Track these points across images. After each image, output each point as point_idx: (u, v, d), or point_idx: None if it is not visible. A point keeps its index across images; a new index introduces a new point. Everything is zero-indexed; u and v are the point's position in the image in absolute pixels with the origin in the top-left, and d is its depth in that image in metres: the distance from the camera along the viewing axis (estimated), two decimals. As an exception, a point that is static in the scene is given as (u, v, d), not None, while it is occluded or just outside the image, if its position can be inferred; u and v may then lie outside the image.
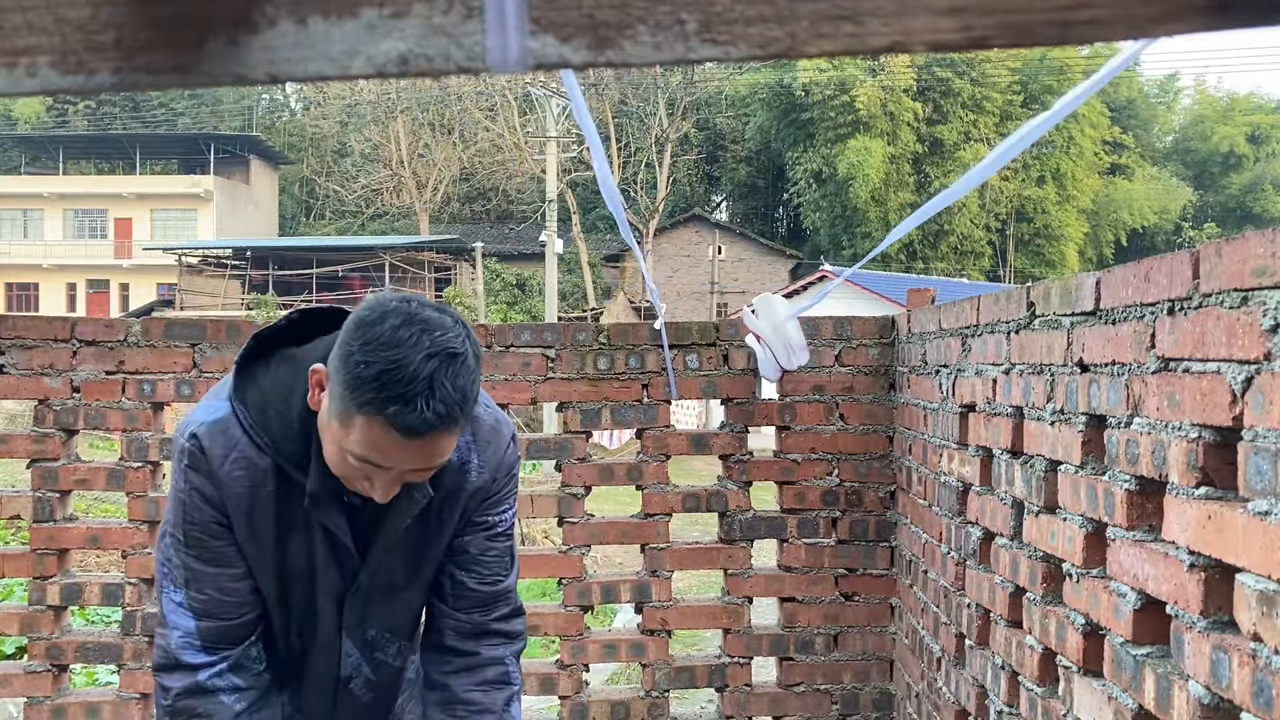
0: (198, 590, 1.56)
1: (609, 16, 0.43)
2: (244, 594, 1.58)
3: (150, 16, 0.44)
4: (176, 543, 1.56)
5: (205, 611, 1.56)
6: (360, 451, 1.37)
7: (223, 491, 1.51)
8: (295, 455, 1.50)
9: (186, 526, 1.54)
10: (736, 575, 3.21)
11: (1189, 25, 0.43)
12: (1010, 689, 2.07)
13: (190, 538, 1.55)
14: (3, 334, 3.06)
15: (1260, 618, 1.15)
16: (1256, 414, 1.17)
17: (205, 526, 1.54)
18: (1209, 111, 46.21)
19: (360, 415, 1.33)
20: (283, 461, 1.50)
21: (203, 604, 1.56)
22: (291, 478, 1.51)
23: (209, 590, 1.56)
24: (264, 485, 1.52)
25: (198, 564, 1.55)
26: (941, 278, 31.10)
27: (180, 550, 1.56)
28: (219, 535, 1.55)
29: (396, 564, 1.63)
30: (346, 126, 41.72)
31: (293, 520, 1.55)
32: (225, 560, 1.56)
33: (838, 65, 33.18)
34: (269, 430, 1.50)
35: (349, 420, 1.35)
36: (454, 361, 1.33)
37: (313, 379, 1.45)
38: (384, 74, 0.44)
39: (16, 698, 3.18)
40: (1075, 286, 1.72)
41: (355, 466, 1.40)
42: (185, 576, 1.56)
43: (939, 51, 0.44)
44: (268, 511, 1.54)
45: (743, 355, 3.20)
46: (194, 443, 1.51)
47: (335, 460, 1.42)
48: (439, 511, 1.61)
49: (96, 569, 7.65)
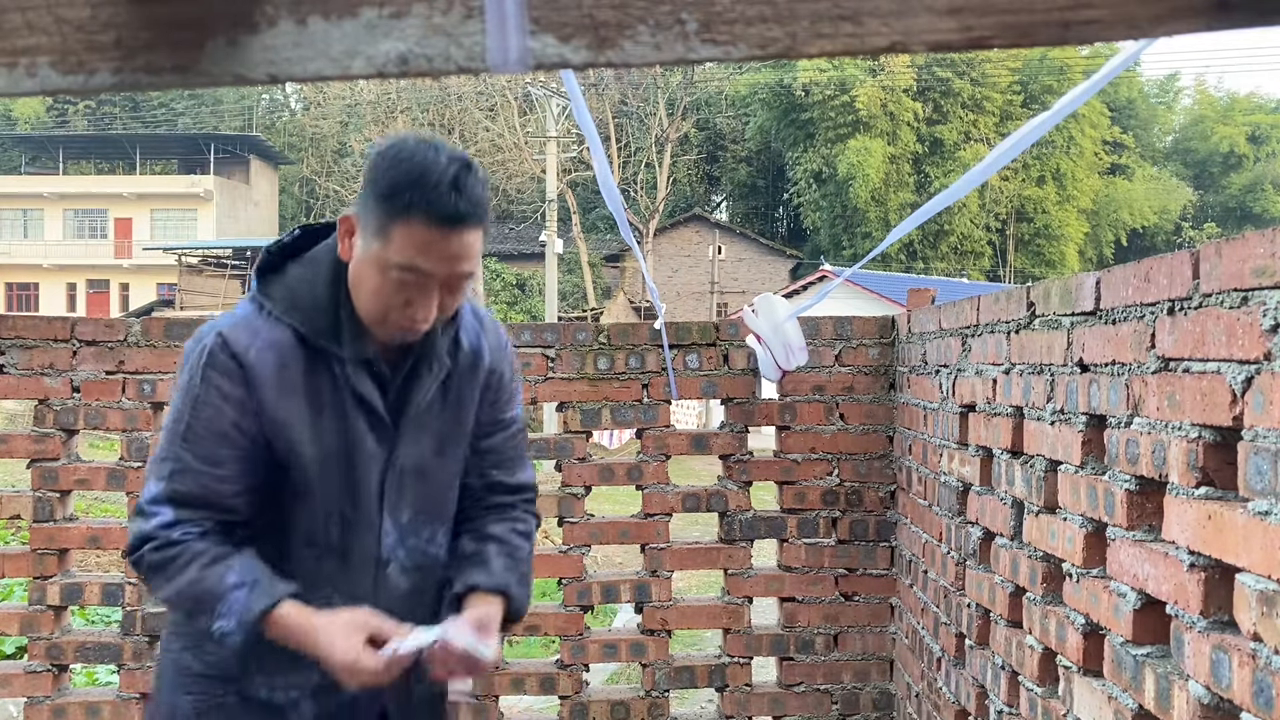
0: (180, 484, 1.56)
1: (609, 16, 0.43)
2: (227, 498, 1.58)
3: (150, 16, 0.44)
4: (173, 437, 1.56)
5: (184, 503, 1.56)
6: (404, 259, 1.47)
7: (251, 380, 1.55)
8: (327, 328, 1.58)
9: (190, 421, 1.55)
10: (736, 575, 3.21)
11: (1189, 25, 0.43)
12: (1010, 689, 2.07)
13: (191, 433, 1.55)
14: (3, 334, 3.05)
15: (1260, 618, 1.15)
16: (1256, 414, 1.17)
17: (211, 423, 1.55)
18: (1209, 111, 46.20)
19: (399, 223, 1.46)
20: (313, 336, 1.57)
21: (183, 497, 1.56)
22: (321, 356, 1.58)
23: (192, 485, 1.56)
24: (294, 365, 1.57)
25: (192, 459, 1.55)
26: (941, 278, 31.09)
27: (175, 444, 1.56)
28: (223, 435, 1.56)
29: (426, 444, 1.68)
30: (346, 126, 41.70)
31: (326, 398, 1.59)
32: (218, 460, 1.56)
33: (838, 65, 33.18)
34: (298, 310, 1.58)
35: (388, 235, 1.47)
36: (471, 169, 1.49)
37: (342, 228, 1.56)
38: (384, 74, 0.44)
39: (16, 698, 3.18)
40: (1075, 286, 1.72)
41: (398, 288, 1.49)
42: (172, 469, 1.56)
43: (939, 51, 0.44)
44: (299, 392, 1.58)
45: (743, 355, 3.20)
46: (218, 339, 1.56)
47: (378, 294, 1.51)
48: (458, 391, 1.70)
49: (96, 569, 7.65)
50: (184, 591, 1.54)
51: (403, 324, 1.54)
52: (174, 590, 1.55)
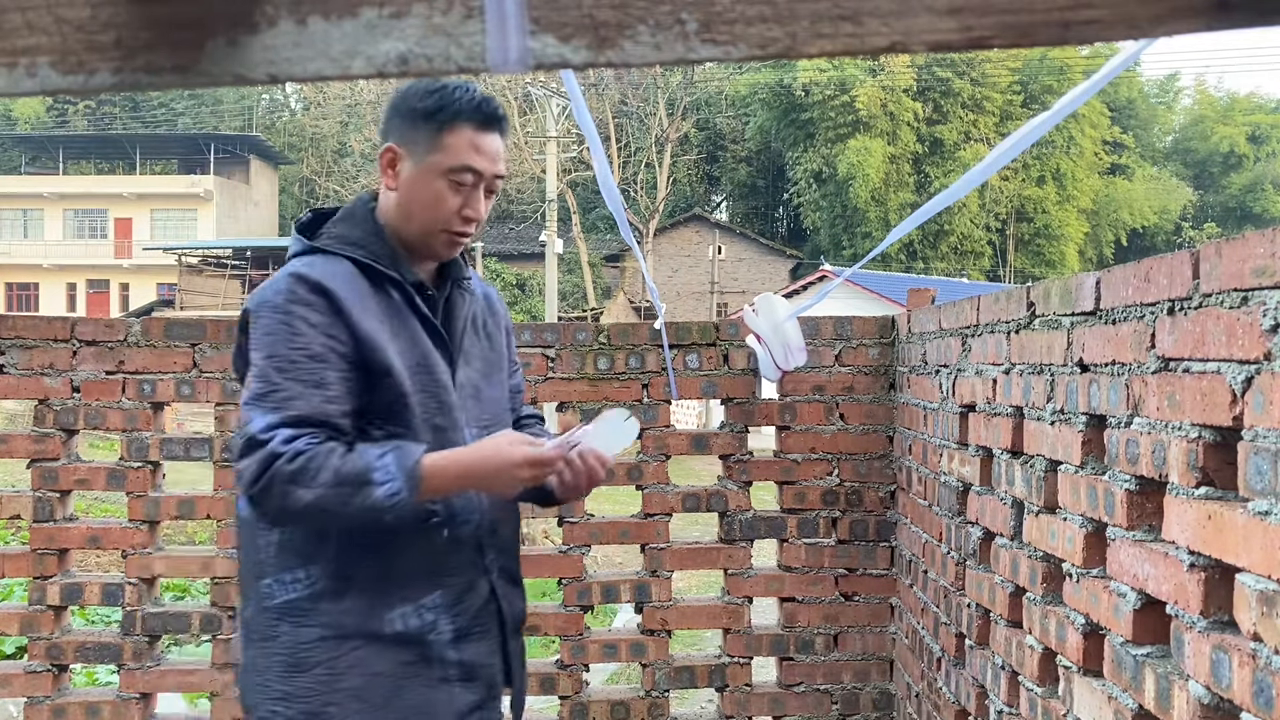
0: (293, 409, 1.59)
1: (609, 16, 0.43)
2: (336, 418, 1.63)
3: (150, 16, 0.44)
4: (274, 372, 1.60)
5: (298, 424, 1.59)
6: (459, 161, 1.69)
7: (335, 304, 1.64)
8: (386, 255, 1.73)
9: (288, 352, 1.61)
10: (736, 575, 3.21)
11: (1189, 25, 0.43)
12: (1010, 689, 2.07)
13: (292, 364, 1.61)
14: (3, 334, 3.06)
15: (1260, 618, 1.15)
16: (1256, 414, 1.17)
17: (308, 349, 1.62)
18: (1209, 111, 46.21)
19: (449, 131, 1.69)
20: (373, 262, 1.70)
21: (296, 420, 1.59)
22: (381, 282, 1.71)
23: (304, 408, 1.60)
24: (364, 289, 1.69)
25: (299, 386, 1.60)
26: (941, 278, 31.09)
27: (279, 377, 1.60)
28: (323, 359, 1.62)
29: (476, 366, 1.84)
30: (346, 126, 41.70)
31: (397, 318, 1.71)
32: (323, 382, 1.62)
33: (838, 65, 33.18)
34: (353, 245, 1.72)
35: (442, 144, 1.69)
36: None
37: (383, 161, 1.74)
38: (384, 74, 0.45)
39: (16, 698, 3.18)
40: (1075, 286, 1.72)
41: (454, 191, 1.70)
42: (282, 397, 1.59)
43: (939, 51, 0.44)
44: (374, 313, 1.68)
45: (743, 355, 3.20)
46: (292, 279, 1.65)
47: (437, 203, 1.71)
48: (485, 325, 1.90)
49: (96, 569, 7.65)
50: (333, 481, 1.55)
51: (457, 228, 1.73)
52: (320, 487, 1.55)
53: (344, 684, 1.65)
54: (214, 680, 3.07)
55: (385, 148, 1.74)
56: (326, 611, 1.66)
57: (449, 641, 1.72)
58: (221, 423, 3.09)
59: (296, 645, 1.66)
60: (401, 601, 1.68)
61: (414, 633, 1.69)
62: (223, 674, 3.06)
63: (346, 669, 1.65)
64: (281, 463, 1.55)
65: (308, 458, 1.56)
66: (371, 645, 1.66)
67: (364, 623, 1.66)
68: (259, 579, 1.70)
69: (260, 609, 1.70)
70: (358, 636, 1.66)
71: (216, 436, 3.09)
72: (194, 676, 3.10)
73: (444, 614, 1.72)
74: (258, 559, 1.71)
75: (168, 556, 3.12)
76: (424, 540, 1.70)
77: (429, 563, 1.70)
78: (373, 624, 1.66)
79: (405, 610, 1.68)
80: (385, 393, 1.66)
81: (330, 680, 1.65)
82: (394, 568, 1.67)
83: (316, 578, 1.66)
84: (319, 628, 1.66)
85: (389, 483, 1.56)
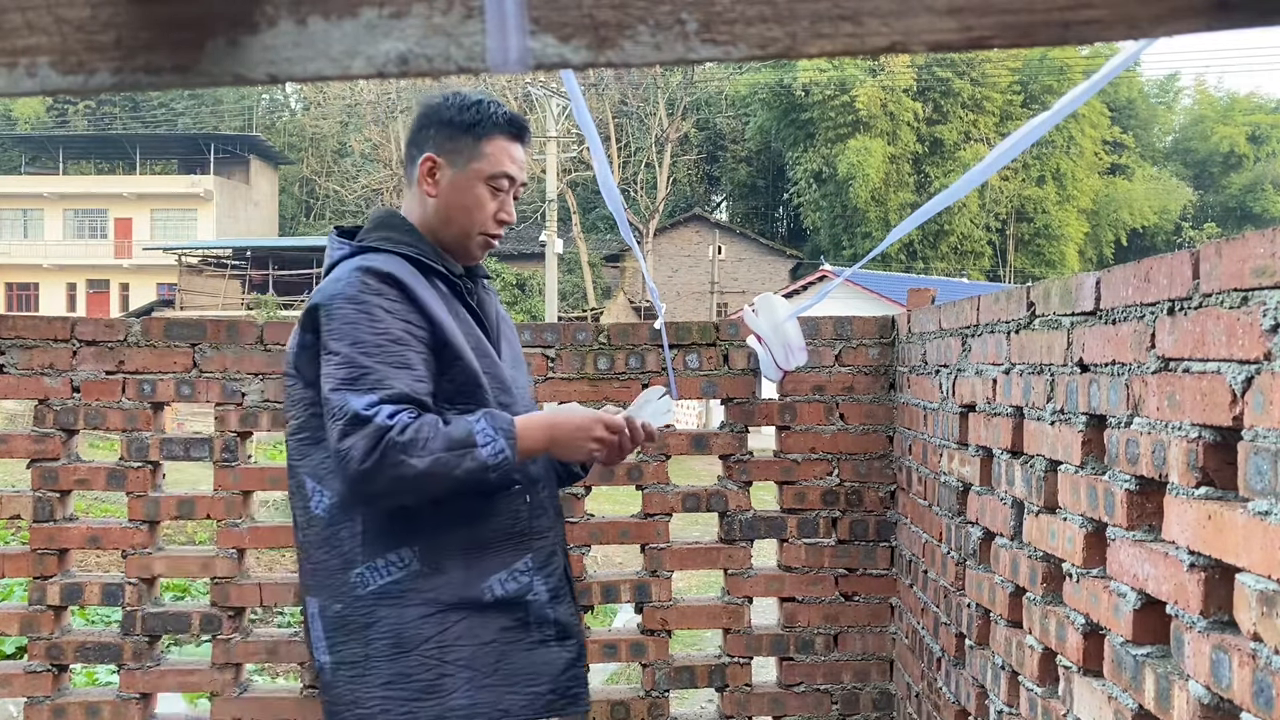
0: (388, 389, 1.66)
1: (609, 16, 0.43)
2: (424, 396, 1.71)
3: (150, 17, 0.44)
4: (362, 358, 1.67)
5: (395, 401, 1.66)
6: (498, 168, 1.84)
7: (406, 292, 1.73)
8: (431, 252, 1.85)
9: (372, 338, 1.68)
10: (736, 575, 3.21)
11: (1189, 25, 0.43)
12: (1010, 689, 2.07)
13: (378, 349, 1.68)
14: (3, 334, 3.05)
15: (1260, 618, 1.15)
16: (1256, 414, 1.17)
17: (389, 333, 1.70)
18: (1209, 111, 46.21)
19: (486, 141, 1.83)
20: (424, 257, 1.81)
21: (393, 397, 1.66)
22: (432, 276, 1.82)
23: (398, 386, 1.67)
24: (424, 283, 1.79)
25: (388, 368, 1.69)
26: (941, 278, 31.09)
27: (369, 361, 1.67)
28: (404, 343, 1.70)
29: (506, 357, 1.94)
30: (346, 126, 41.72)
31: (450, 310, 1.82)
32: (409, 363, 1.70)
33: (838, 65, 33.18)
34: (404, 244, 1.83)
35: (479, 154, 1.84)
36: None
37: (423, 169, 1.86)
38: (384, 74, 0.45)
39: (16, 698, 3.18)
40: (1075, 286, 1.72)
41: (492, 195, 1.84)
42: (376, 378, 1.66)
43: (939, 51, 0.44)
44: (437, 301, 1.79)
45: (743, 355, 3.20)
46: (361, 272, 1.74)
47: (479, 206, 1.85)
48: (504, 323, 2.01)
49: (96, 569, 7.65)
50: (444, 447, 1.64)
51: (492, 230, 1.88)
52: (432, 454, 1.63)
53: (453, 655, 1.71)
54: (214, 680, 3.07)
55: (425, 158, 1.85)
56: (426, 588, 1.72)
57: (546, 602, 1.82)
58: (221, 423, 3.09)
59: (400, 626, 1.72)
60: (496, 569, 1.77)
61: (513, 597, 1.78)
62: (223, 674, 3.06)
63: (454, 640, 1.72)
64: (394, 434, 1.62)
65: (416, 428, 1.63)
66: (474, 615, 1.74)
67: (464, 593, 1.74)
68: (347, 571, 1.75)
69: (354, 600, 1.74)
70: (460, 608, 1.73)
71: (216, 436, 3.09)
72: (194, 676, 3.10)
73: (536, 576, 1.82)
74: (343, 553, 1.75)
75: (168, 556, 3.12)
76: (509, 508, 1.80)
77: (517, 529, 1.81)
78: (472, 593, 1.74)
79: (500, 576, 1.77)
80: (459, 375, 1.77)
81: (440, 653, 1.71)
82: (484, 537, 1.76)
83: (410, 558, 1.73)
84: (421, 605, 1.72)
85: (491, 443, 1.66)
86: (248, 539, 3.10)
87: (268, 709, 3.06)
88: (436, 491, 1.67)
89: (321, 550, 1.78)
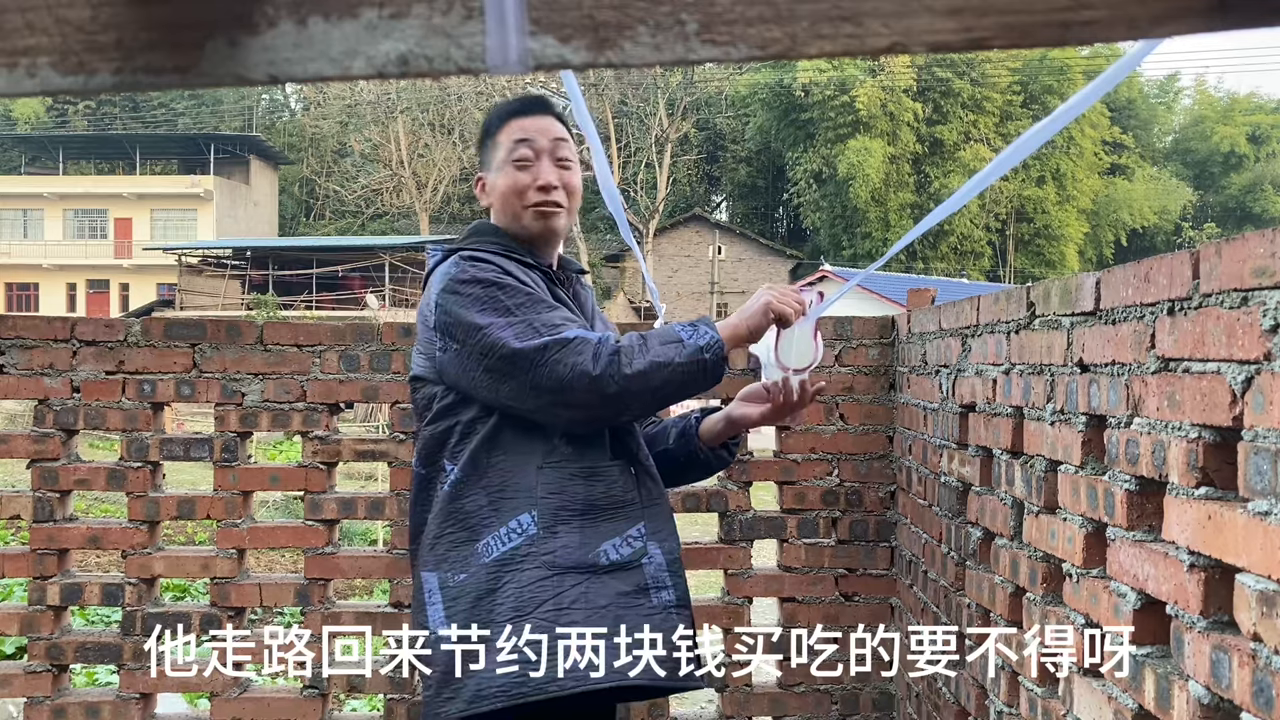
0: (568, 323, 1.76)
1: (609, 17, 0.43)
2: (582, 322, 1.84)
3: (150, 17, 0.44)
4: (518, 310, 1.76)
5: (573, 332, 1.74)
6: (512, 139, 1.90)
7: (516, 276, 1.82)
8: (519, 248, 1.92)
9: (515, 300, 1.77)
10: (736, 575, 3.21)
11: (1188, 26, 0.43)
12: (1010, 689, 2.07)
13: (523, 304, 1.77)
14: (3, 334, 3.05)
15: (1260, 618, 1.15)
16: (1256, 414, 1.17)
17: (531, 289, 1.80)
18: (1209, 111, 46.22)
19: (499, 132, 1.93)
20: (515, 253, 1.89)
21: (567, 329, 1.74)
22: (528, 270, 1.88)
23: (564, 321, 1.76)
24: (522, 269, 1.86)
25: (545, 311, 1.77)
26: (941, 278, 31.10)
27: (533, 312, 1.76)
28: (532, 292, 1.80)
29: None
30: (346, 126, 41.71)
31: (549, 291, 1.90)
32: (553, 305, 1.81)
33: (838, 65, 33.18)
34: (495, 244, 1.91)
35: (496, 145, 1.94)
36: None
37: (478, 190, 2.01)
38: (384, 74, 0.45)
39: (16, 698, 3.18)
40: (1075, 286, 1.72)
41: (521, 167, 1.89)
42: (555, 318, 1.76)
43: (939, 52, 0.44)
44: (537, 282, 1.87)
45: (742, 355, 3.20)
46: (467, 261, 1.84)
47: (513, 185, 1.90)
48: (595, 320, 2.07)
49: (96, 569, 7.65)
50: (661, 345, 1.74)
51: (536, 199, 1.90)
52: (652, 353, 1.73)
53: (567, 618, 1.73)
54: (214, 680, 3.07)
55: (476, 180, 2.02)
56: (543, 552, 1.77)
57: (663, 566, 1.85)
58: (221, 423, 3.09)
59: (521, 590, 1.75)
60: (610, 534, 1.81)
61: (627, 560, 1.81)
62: (223, 674, 3.06)
63: (570, 604, 1.74)
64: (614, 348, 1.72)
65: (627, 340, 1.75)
66: (590, 579, 1.77)
67: (581, 557, 1.77)
68: (474, 541, 1.81)
69: (478, 568, 1.80)
70: (576, 571, 1.77)
71: (216, 437, 3.09)
72: (194, 677, 3.10)
73: (651, 541, 1.86)
74: (468, 525, 1.82)
75: (168, 556, 3.12)
76: (622, 477, 1.86)
77: (631, 496, 1.85)
78: (588, 557, 1.78)
79: (615, 542, 1.81)
80: None
81: (555, 615, 1.73)
82: (597, 503, 1.81)
83: (528, 524, 1.78)
84: (539, 568, 1.76)
85: (698, 335, 1.75)
86: (248, 539, 3.09)
87: (268, 709, 3.06)
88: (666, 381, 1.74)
89: (447, 524, 1.85)
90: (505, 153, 1.91)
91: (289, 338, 3.08)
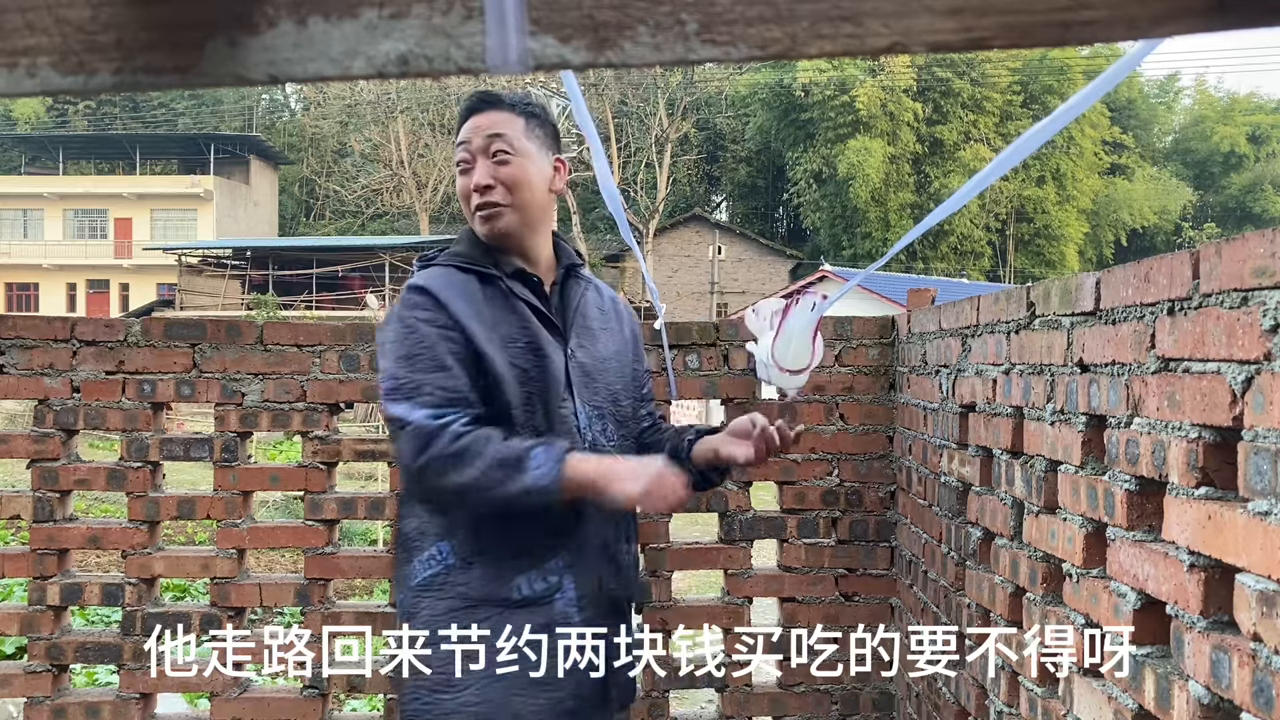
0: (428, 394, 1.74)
1: (609, 17, 0.43)
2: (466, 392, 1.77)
3: (150, 17, 0.44)
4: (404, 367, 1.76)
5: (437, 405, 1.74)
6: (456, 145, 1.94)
7: (441, 303, 1.81)
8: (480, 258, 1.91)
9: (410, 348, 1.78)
10: (736, 575, 3.21)
11: (1188, 26, 0.43)
12: (1010, 689, 2.07)
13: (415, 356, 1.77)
14: (3, 334, 3.05)
15: (1260, 618, 1.15)
16: (1256, 414, 1.17)
17: (424, 341, 1.78)
18: (1209, 111, 46.22)
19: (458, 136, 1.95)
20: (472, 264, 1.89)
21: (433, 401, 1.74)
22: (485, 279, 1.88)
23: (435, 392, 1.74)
24: (469, 287, 1.86)
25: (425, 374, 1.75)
26: (941, 278, 31.09)
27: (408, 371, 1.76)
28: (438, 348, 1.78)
29: (596, 348, 1.97)
30: (346, 126, 41.70)
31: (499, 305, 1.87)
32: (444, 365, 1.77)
33: (838, 65, 33.19)
34: (459, 255, 1.92)
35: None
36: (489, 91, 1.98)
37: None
38: (384, 74, 0.45)
39: (16, 698, 3.18)
40: (1075, 286, 1.72)
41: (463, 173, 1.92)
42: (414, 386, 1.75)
43: (939, 52, 0.44)
44: (478, 301, 1.85)
45: (742, 355, 3.20)
46: (407, 290, 1.86)
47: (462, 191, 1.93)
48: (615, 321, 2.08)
49: (96, 569, 7.66)
50: (494, 462, 1.69)
51: (475, 203, 1.90)
52: (483, 466, 1.69)
53: (474, 651, 1.75)
54: (214, 680, 3.07)
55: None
56: (458, 583, 1.78)
57: (573, 602, 1.82)
58: (221, 423, 3.09)
59: (433, 619, 1.78)
60: (526, 567, 1.79)
61: (539, 595, 1.79)
62: (223, 674, 3.06)
63: (478, 637, 1.76)
64: (444, 443, 1.69)
65: (469, 440, 1.69)
66: (501, 612, 1.77)
67: (493, 590, 1.77)
68: (409, 564, 1.85)
69: (408, 590, 1.84)
70: (487, 604, 1.77)
71: (216, 437, 3.09)
72: (194, 677, 3.10)
73: (568, 575, 1.83)
74: (407, 547, 1.86)
75: (168, 556, 3.12)
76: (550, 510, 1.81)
77: (554, 527, 1.81)
78: (501, 590, 1.78)
79: (531, 575, 1.80)
80: (483, 376, 1.80)
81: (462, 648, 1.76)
82: (517, 535, 1.78)
83: (448, 552, 1.80)
84: (452, 599, 1.78)
85: (539, 469, 1.68)
86: (248, 539, 3.10)
87: (268, 709, 3.06)
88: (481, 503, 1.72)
89: (396, 541, 1.92)
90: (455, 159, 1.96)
91: (289, 338, 3.08)
